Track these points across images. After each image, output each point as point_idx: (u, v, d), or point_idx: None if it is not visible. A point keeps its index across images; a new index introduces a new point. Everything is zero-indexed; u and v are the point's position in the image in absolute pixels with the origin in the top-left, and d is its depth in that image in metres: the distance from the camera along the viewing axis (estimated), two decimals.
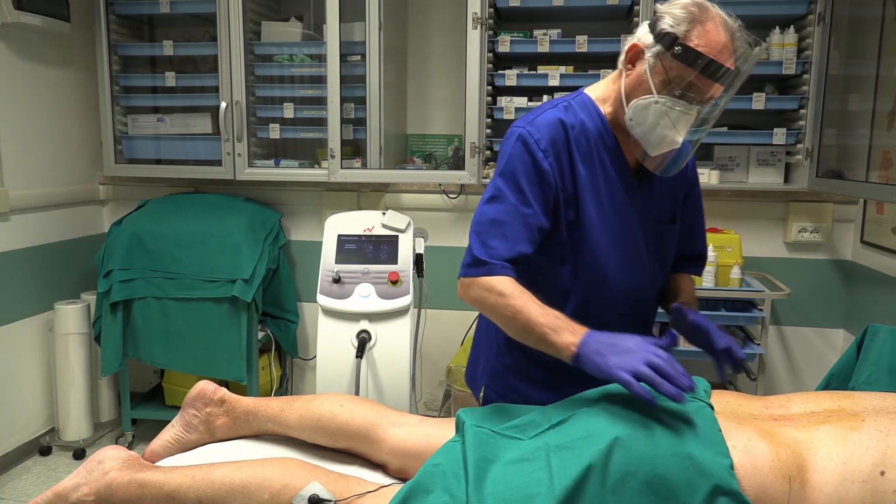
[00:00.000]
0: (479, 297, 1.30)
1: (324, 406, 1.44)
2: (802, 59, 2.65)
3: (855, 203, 2.85)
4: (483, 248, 1.30)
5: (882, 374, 1.75)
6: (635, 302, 1.45)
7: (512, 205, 1.31)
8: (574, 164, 1.35)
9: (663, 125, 1.28)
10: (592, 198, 1.36)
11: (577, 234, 1.36)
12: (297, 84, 3.03)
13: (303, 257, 3.23)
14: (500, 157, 1.38)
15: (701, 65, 1.23)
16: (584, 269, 1.37)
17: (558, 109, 1.38)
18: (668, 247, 1.51)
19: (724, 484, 1.01)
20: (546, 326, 1.22)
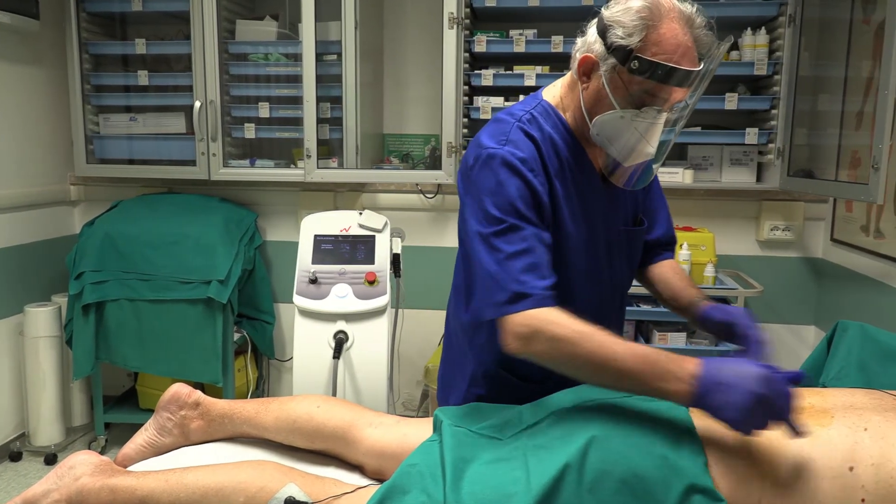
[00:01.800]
0: (550, 349, 1.12)
1: (300, 407, 1.43)
2: (774, 60, 2.69)
3: (825, 202, 2.90)
4: (517, 284, 1.15)
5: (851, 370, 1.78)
6: (601, 310, 1.38)
7: (526, 230, 1.19)
8: (551, 182, 1.28)
9: (633, 139, 1.21)
10: (567, 216, 1.30)
11: (558, 252, 1.29)
12: (272, 83, 3.00)
13: (279, 258, 3.20)
14: (484, 185, 1.23)
15: (662, 75, 1.15)
16: (561, 286, 1.29)
17: (524, 123, 1.29)
18: (636, 250, 1.48)
19: (698, 482, 1.02)
20: (647, 373, 1.06)
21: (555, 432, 1.15)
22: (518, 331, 1.15)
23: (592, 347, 1.10)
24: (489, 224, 1.20)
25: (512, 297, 1.15)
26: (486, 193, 1.22)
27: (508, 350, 1.17)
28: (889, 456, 0.98)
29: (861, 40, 2.43)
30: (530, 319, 1.14)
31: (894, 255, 2.32)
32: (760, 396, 0.98)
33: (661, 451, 1.06)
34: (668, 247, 1.58)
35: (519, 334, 1.15)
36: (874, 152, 2.08)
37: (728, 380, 1.01)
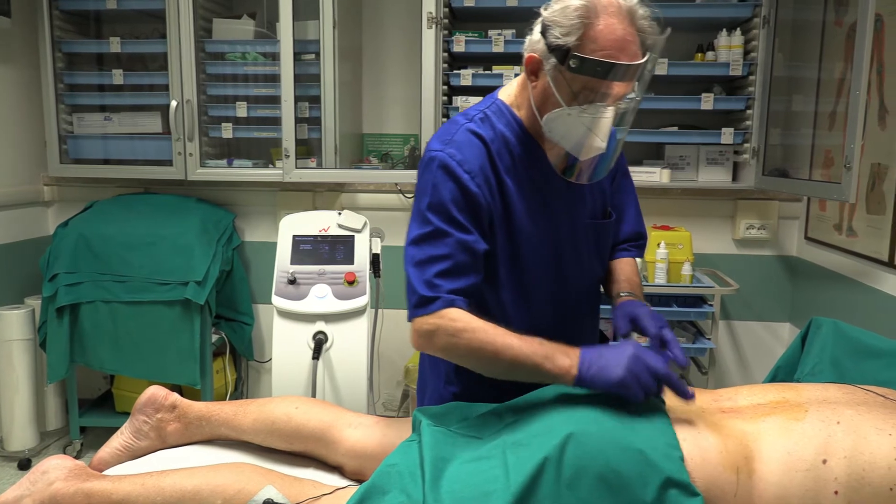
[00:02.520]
0: (448, 344, 1.20)
1: (279, 409, 1.42)
2: (748, 61, 2.73)
3: (799, 201, 2.94)
4: (428, 287, 1.22)
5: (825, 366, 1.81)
6: (571, 306, 1.41)
7: (450, 236, 1.23)
8: (501, 181, 1.29)
9: (582, 134, 1.22)
10: (522, 211, 1.31)
11: (512, 251, 1.32)
12: (250, 83, 2.98)
13: (257, 258, 3.18)
14: (423, 186, 1.27)
15: (602, 72, 1.15)
16: (521, 284, 1.33)
17: (475, 123, 1.31)
18: (605, 242, 1.48)
19: (675, 476, 1.03)
20: (536, 356, 1.17)
21: (533, 429, 1.16)
22: (422, 329, 1.23)
23: (487, 338, 1.18)
24: (420, 226, 1.26)
25: (420, 300, 1.22)
26: (422, 192, 1.27)
27: (416, 348, 1.26)
28: (861, 449, 1.00)
29: (833, 42, 2.46)
30: (434, 318, 1.21)
31: (867, 254, 2.36)
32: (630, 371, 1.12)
33: (639, 446, 1.07)
34: (637, 244, 1.57)
35: (422, 332, 1.23)
36: (846, 152, 2.12)
37: (606, 359, 1.14)
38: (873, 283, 2.32)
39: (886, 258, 2.22)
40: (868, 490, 0.97)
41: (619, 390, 1.13)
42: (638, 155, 3.02)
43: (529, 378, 1.20)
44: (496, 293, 1.34)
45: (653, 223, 2.84)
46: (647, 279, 2.72)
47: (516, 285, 1.34)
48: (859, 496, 0.97)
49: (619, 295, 1.43)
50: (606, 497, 1.05)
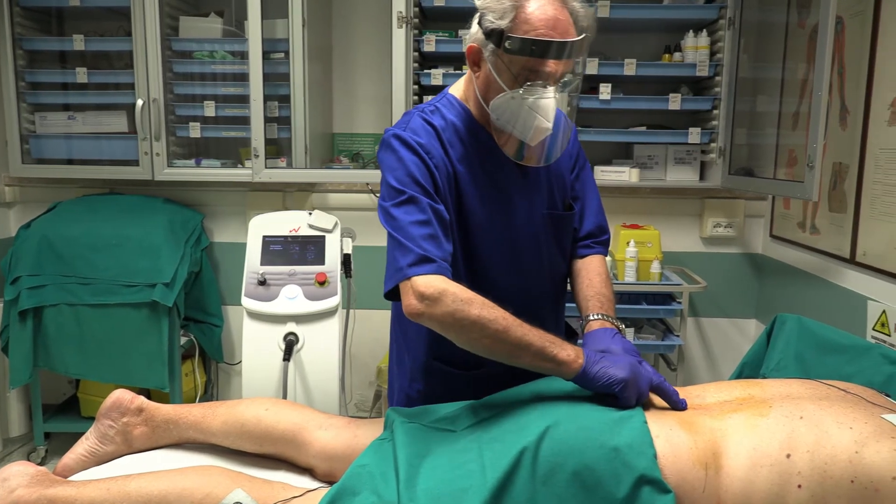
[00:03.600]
0: (456, 310, 1.14)
1: (248, 411, 1.41)
2: (715, 62, 2.77)
3: (764, 199, 3.00)
4: (422, 249, 1.19)
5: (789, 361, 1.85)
6: (532, 299, 1.39)
7: (424, 202, 1.23)
8: (453, 167, 1.31)
9: (528, 116, 1.24)
10: (475, 200, 1.32)
11: (466, 240, 1.33)
12: (218, 81, 2.94)
13: (227, 259, 3.14)
14: (388, 163, 1.29)
15: (538, 51, 1.18)
16: (477, 274, 1.32)
17: (426, 114, 1.34)
18: (564, 235, 1.46)
19: (648, 473, 1.04)
20: (543, 341, 1.16)
21: (509, 425, 1.16)
22: (423, 291, 1.16)
23: (497, 314, 1.16)
24: (393, 196, 1.25)
25: (415, 259, 1.18)
26: (388, 170, 1.28)
27: (409, 312, 1.18)
28: (823, 443, 1.02)
29: (796, 43, 2.51)
30: (436, 282, 1.17)
31: (829, 251, 2.41)
32: (633, 374, 1.15)
33: (614, 444, 1.08)
34: (600, 240, 1.54)
35: (424, 294, 1.16)
36: (809, 152, 2.16)
37: (610, 360, 1.16)
38: (835, 280, 2.37)
39: (848, 255, 2.28)
40: (830, 483, 0.99)
41: (617, 390, 1.14)
42: (607, 154, 3.05)
43: (529, 363, 1.17)
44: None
45: (622, 222, 2.87)
46: (616, 277, 2.75)
47: (471, 275, 1.33)
48: (822, 489, 0.99)
49: (589, 318, 1.37)
50: (581, 494, 1.06)
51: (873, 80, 2.14)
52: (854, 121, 2.24)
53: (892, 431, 1.03)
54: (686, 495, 1.04)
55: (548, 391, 1.25)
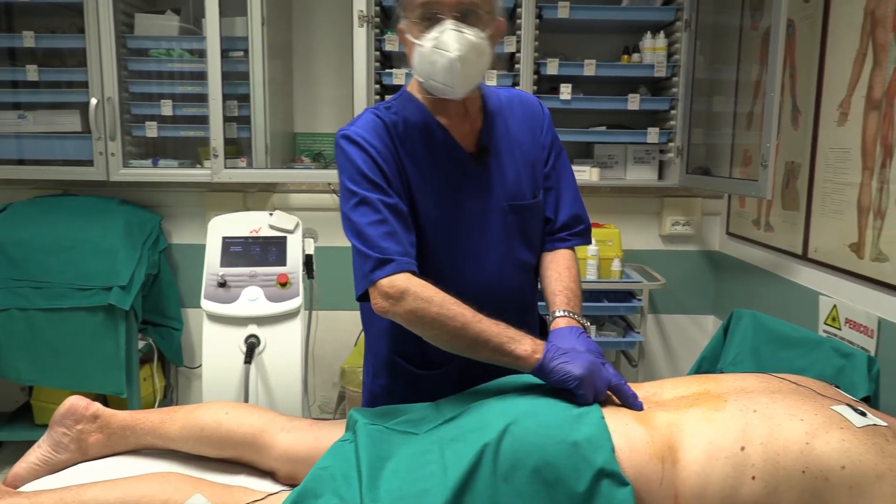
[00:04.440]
0: (418, 308, 1.20)
1: (208, 415, 1.39)
2: (672, 63, 2.82)
3: (721, 198, 3.07)
4: (380, 250, 1.23)
5: (746, 355, 1.90)
6: (497, 293, 1.37)
7: (379, 201, 1.26)
8: (404, 164, 1.32)
9: (437, 56, 1.23)
10: (429, 195, 1.33)
11: (417, 235, 1.32)
12: (175, 80, 2.89)
13: (186, 261, 3.09)
14: (340, 165, 1.33)
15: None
16: (432, 270, 1.31)
17: (378, 110, 1.36)
18: (530, 225, 1.43)
19: (606, 466, 1.06)
20: (502, 336, 1.19)
21: (470, 424, 1.17)
22: (386, 291, 1.22)
23: (457, 310, 1.20)
24: (347, 199, 1.30)
25: (376, 263, 1.23)
26: (341, 172, 1.32)
27: (377, 310, 1.24)
28: (776, 435, 1.05)
29: (750, 45, 2.58)
30: (398, 281, 1.22)
31: (783, 247, 2.48)
32: (590, 372, 1.17)
33: (572, 438, 1.09)
34: (576, 231, 1.51)
35: (387, 294, 1.22)
36: (762, 151, 2.22)
37: (570, 356, 1.18)
38: (789, 276, 2.44)
39: (800, 251, 2.34)
40: (782, 474, 1.02)
41: (573, 387, 1.16)
42: (568, 154, 3.06)
43: (489, 357, 1.21)
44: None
45: None
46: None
47: (431, 271, 1.31)
48: (775, 480, 1.02)
49: (555, 315, 1.37)
50: (541, 490, 1.07)
51: (823, 82, 2.20)
52: (805, 121, 2.30)
53: (840, 422, 1.06)
54: (643, 488, 1.06)
55: (510, 388, 1.26)
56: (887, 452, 1.01)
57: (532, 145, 1.44)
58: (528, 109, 1.48)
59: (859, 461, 1.00)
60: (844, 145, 2.08)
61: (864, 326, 1.94)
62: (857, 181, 2.02)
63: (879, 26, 1.92)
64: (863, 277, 1.99)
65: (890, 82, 1.88)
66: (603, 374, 1.19)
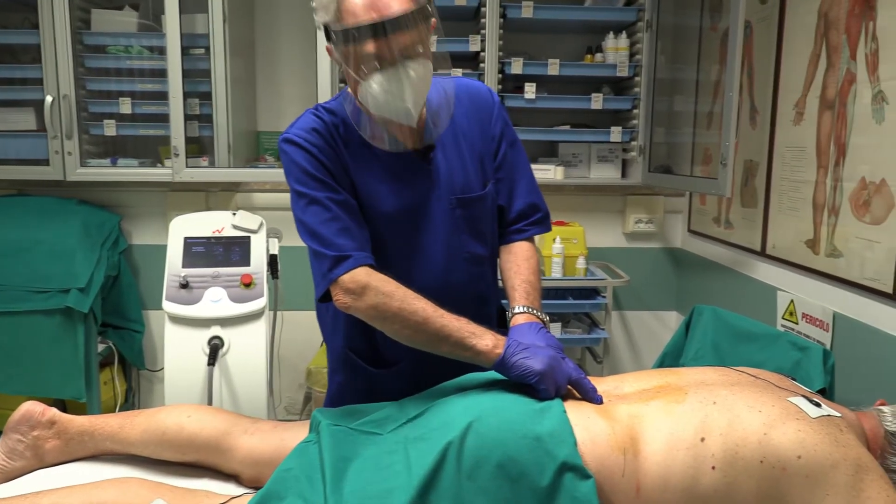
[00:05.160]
0: (379, 303, 1.20)
1: (169, 418, 1.36)
2: (634, 63, 2.86)
3: (682, 196, 3.12)
4: (336, 248, 1.24)
5: (707, 350, 1.93)
6: (450, 287, 1.35)
7: (328, 199, 1.26)
8: (346, 166, 1.31)
9: (387, 98, 1.21)
10: (374, 194, 1.32)
11: (373, 231, 1.32)
12: (135, 77, 2.83)
13: (147, 262, 3.03)
14: (287, 168, 1.32)
15: (360, 37, 1.16)
16: (384, 267, 1.30)
17: (318, 110, 1.34)
18: (480, 217, 1.41)
19: (569, 460, 1.07)
20: (463, 331, 1.20)
21: (433, 423, 1.17)
22: (348, 287, 1.23)
23: (418, 305, 1.21)
24: (298, 201, 1.29)
25: (334, 262, 1.23)
26: (288, 175, 1.31)
27: (339, 306, 1.24)
28: (734, 426, 1.07)
29: (709, 46, 2.63)
30: (358, 276, 1.23)
31: (742, 244, 2.53)
32: (551, 367, 1.18)
33: (535, 433, 1.10)
34: (534, 221, 1.49)
35: (349, 290, 1.22)
36: (722, 150, 2.26)
37: (531, 351, 1.19)
38: (748, 272, 2.49)
39: (759, 248, 2.40)
40: (741, 464, 1.04)
41: (534, 382, 1.17)
42: (533, 152, 3.10)
43: (449, 352, 1.22)
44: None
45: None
46: (544, 273, 2.80)
47: (383, 269, 1.30)
48: (734, 470, 1.04)
49: (515, 311, 1.36)
50: (505, 485, 1.07)
51: (779, 82, 2.25)
52: (763, 120, 2.36)
53: (797, 413, 1.09)
54: (606, 480, 1.07)
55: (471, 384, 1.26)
56: (840, 442, 1.04)
57: (481, 136, 1.41)
58: (476, 100, 1.44)
59: (814, 451, 1.02)
60: (800, 144, 2.13)
61: (820, 320, 2.00)
62: (812, 179, 2.07)
63: (832, 28, 1.98)
64: (818, 273, 2.04)
65: (842, 83, 1.93)
66: (563, 369, 1.20)
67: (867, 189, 1.82)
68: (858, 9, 1.86)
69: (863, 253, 1.84)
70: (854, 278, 1.88)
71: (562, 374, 1.20)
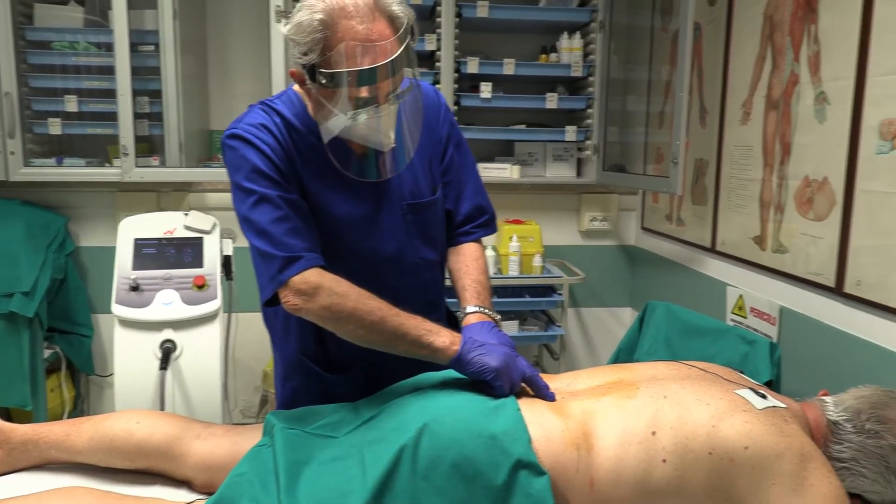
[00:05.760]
0: (332, 304, 1.17)
1: (118, 425, 1.33)
2: (588, 63, 2.90)
3: (635, 194, 3.17)
4: (285, 249, 1.19)
5: (659, 345, 1.97)
6: (403, 292, 1.32)
7: (279, 198, 1.21)
8: (297, 168, 1.27)
9: (368, 135, 1.20)
10: (323, 198, 1.29)
11: (323, 235, 1.29)
12: (81, 75, 2.75)
13: (95, 265, 2.95)
14: (233, 164, 1.25)
15: (352, 80, 1.12)
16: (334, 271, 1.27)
17: (265, 106, 1.29)
18: (431, 222, 1.41)
19: (524, 457, 1.07)
20: (419, 329, 1.19)
21: (389, 424, 1.16)
22: (299, 288, 1.18)
23: (373, 305, 1.19)
24: (245, 199, 1.23)
25: (284, 263, 1.19)
26: (234, 171, 1.25)
27: (288, 308, 1.20)
28: (684, 419, 1.09)
29: (661, 47, 2.68)
30: (310, 277, 1.19)
31: (693, 241, 2.59)
32: (506, 364, 1.19)
33: (490, 431, 1.10)
34: (480, 223, 1.49)
35: (300, 291, 1.18)
36: (673, 149, 2.31)
37: (486, 348, 1.20)
38: (699, 268, 2.55)
39: (709, 244, 2.45)
40: (691, 456, 1.06)
41: (490, 378, 1.18)
42: (490, 152, 3.11)
43: (406, 351, 1.21)
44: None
45: (505, 217, 2.95)
46: (501, 271, 2.82)
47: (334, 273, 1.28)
48: (684, 462, 1.06)
49: (467, 311, 1.36)
50: (460, 485, 1.07)
51: (728, 83, 2.31)
52: (712, 120, 2.41)
53: (744, 405, 1.12)
54: (560, 476, 1.08)
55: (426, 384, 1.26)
56: (785, 432, 1.07)
57: (429, 139, 1.39)
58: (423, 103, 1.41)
59: (760, 441, 1.05)
60: (747, 143, 2.19)
61: (767, 314, 2.06)
62: (759, 177, 2.13)
63: (777, 30, 2.03)
64: (765, 268, 2.10)
65: (787, 83, 1.99)
66: (518, 366, 1.22)
67: (811, 187, 1.88)
68: (801, 12, 1.92)
69: (807, 248, 1.90)
70: (799, 273, 1.94)
71: (517, 371, 1.21)
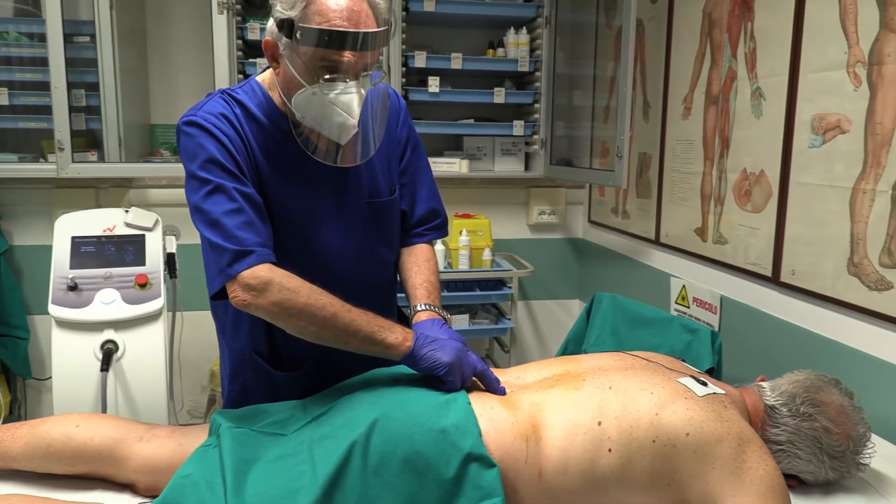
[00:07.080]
0: (284, 299, 1.14)
1: (55, 429, 1.28)
2: (534, 58, 2.93)
3: (582, 187, 3.22)
4: (237, 242, 1.16)
5: (606, 336, 2.01)
6: (358, 290, 1.30)
7: (234, 189, 1.19)
8: (255, 162, 1.26)
9: (332, 112, 1.19)
10: (280, 193, 1.27)
11: (279, 231, 1.27)
12: (13, 66, 2.64)
13: (30, 264, 2.84)
14: (188, 151, 1.22)
15: (332, 42, 1.13)
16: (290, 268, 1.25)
17: (225, 95, 1.28)
18: (388, 222, 1.42)
19: (474, 450, 1.08)
20: (371, 325, 1.18)
21: (338, 421, 1.15)
22: (249, 283, 1.15)
23: (325, 301, 1.17)
24: (199, 188, 1.19)
25: (235, 256, 1.16)
26: (188, 159, 1.22)
27: (237, 303, 1.17)
28: (629, 409, 1.12)
29: (605, 43, 2.72)
30: (260, 272, 1.16)
31: (638, 233, 2.65)
32: (458, 359, 1.19)
33: (440, 426, 1.11)
34: (433, 226, 1.52)
35: (249, 286, 1.15)
36: (618, 143, 2.35)
37: (438, 343, 1.20)
38: (644, 260, 2.61)
39: (654, 237, 2.51)
40: (636, 444, 1.09)
41: (442, 373, 1.18)
42: (438, 146, 3.12)
43: (358, 347, 1.20)
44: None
45: (454, 212, 2.96)
46: (451, 265, 2.83)
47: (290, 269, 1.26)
48: (629, 451, 1.09)
49: (417, 309, 1.37)
50: (411, 479, 1.07)
51: (669, 78, 2.37)
52: (655, 115, 2.47)
53: (685, 393, 1.15)
54: (510, 468, 1.10)
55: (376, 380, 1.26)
56: (724, 417, 1.11)
57: (387, 140, 1.40)
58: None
59: (701, 427, 1.09)
60: (689, 137, 2.25)
61: (709, 304, 2.12)
62: (700, 170, 2.19)
63: (715, 27, 2.09)
64: (707, 259, 2.17)
65: (725, 79, 2.05)
66: (469, 361, 1.22)
67: (748, 179, 1.95)
68: (738, 10, 1.98)
69: (746, 239, 1.96)
70: (739, 263, 2.00)
71: (468, 366, 1.22)
